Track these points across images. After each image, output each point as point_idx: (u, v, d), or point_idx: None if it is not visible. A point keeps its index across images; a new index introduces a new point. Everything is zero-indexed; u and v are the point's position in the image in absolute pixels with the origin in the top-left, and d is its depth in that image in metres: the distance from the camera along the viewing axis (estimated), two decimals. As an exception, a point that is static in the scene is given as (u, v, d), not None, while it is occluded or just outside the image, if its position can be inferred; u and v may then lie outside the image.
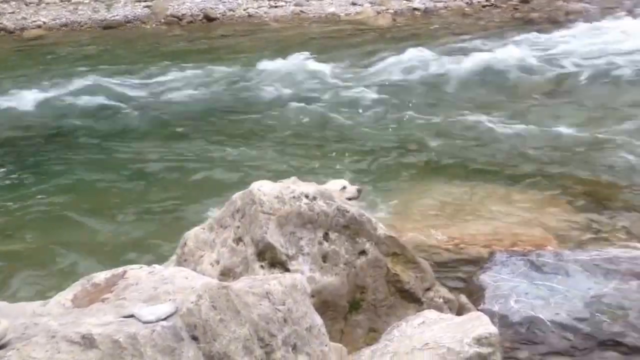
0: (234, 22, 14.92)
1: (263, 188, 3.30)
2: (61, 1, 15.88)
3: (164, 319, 2.08)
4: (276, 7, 15.40)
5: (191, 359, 2.10)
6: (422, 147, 7.19)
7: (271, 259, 3.21)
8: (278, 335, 2.45)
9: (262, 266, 3.21)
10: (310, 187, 3.41)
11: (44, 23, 15.13)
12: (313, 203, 3.31)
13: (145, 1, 15.61)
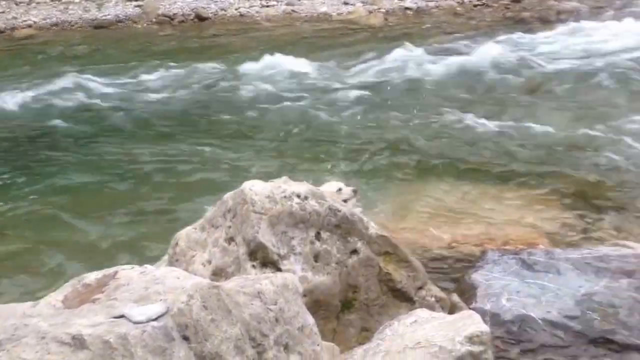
0: (226, 22, 14.90)
1: (254, 187, 3.30)
2: (52, 1, 15.80)
3: (155, 319, 2.07)
4: (268, 7, 15.39)
5: (182, 359, 2.09)
6: (413, 147, 7.20)
7: (263, 259, 3.20)
8: (270, 334, 2.44)
9: (254, 266, 3.20)
10: (301, 187, 3.40)
11: (35, 22, 15.06)
12: (305, 202, 3.31)
13: (136, 0, 15.56)
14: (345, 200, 4.11)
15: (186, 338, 2.15)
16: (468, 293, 3.92)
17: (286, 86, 9.87)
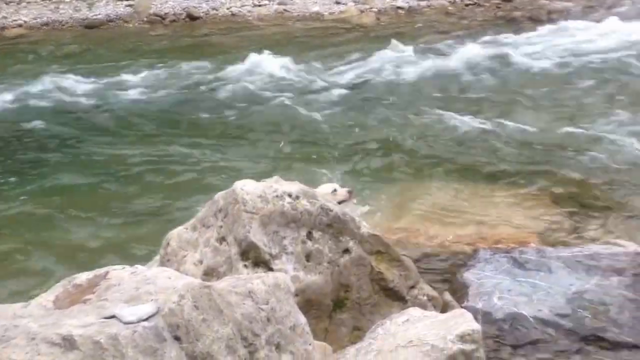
0: (218, 21, 14.87)
1: (246, 187, 3.29)
2: (42, 0, 15.72)
3: (146, 320, 2.06)
4: (260, 6, 15.37)
5: (174, 359, 2.09)
6: (404, 147, 7.22)
7: (255, 259, 3.19)
8: (261, 334, 2.44)
9: (246, 265, 3.20)
10: (293, 186, 3.40)
11: (25, 22, 14.98)
12: (296, 202, 3.30)
13: (127, 0, 15.51)
14: (341, 201, 4.09)
15: (177, 338, 2.15)
16: (460, 292, 3.93)
17: (277, 86, 9.88)
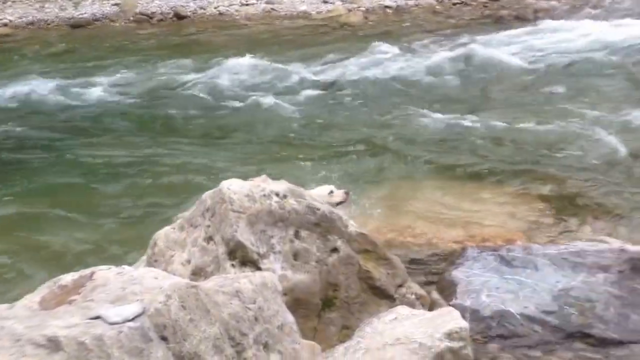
0: (205, 20, 14.83)
1: (233, 187, 3.28)
2: (27, -1, 15.62)
3: (131, 320, 2.05)
4: (247, 5, 15.34)
5: (160, 359, 2.08)
6: (390, 147, 7.22)
7: (242, 258, 3.18)
8: (249, 333, 2.44)
9: (234, 265, 3.19)
10: (280, 185, 3.40)
11: (10, 21, 14.86)
12: (284, 201, 3.30)
13: (113, -1, 15.44)
14: (338, 202, 4.08)
15: (164, 338, 2.14)
16: (448, 290, 3.94)
17: (263, 85, 9.87)
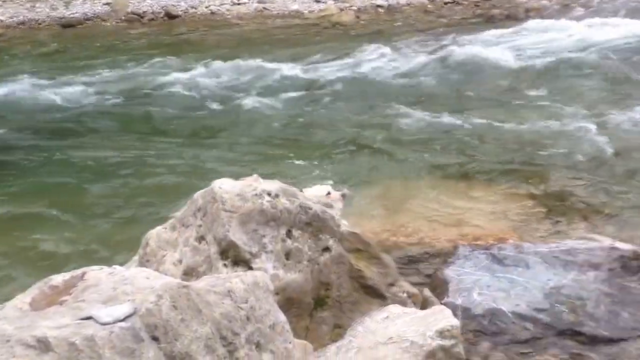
0: (196, 20, 14.80)
1: (224, 186, 3.27)
2: (18, -2, 15.53)
3: (122, 320, 2.05)
4: (239, 4, 15.32)
5: (152, 360, 2.07)
6: (381, 145, 7.23)
7: (234, 257, 3.18)
8: (241, 333, 2.43)
9: (226, 265, 3.18)
10: (272, 185, 3.39)
11: (1, 21, 14.78)
12: (275, 200, 3.30)
13: (104, -2, 15.38)
14: (336, 204, 4.07)
15: (155, 338, 2.13)
16: (440, 288, 3.95)
17: (254, 85, 9.85)
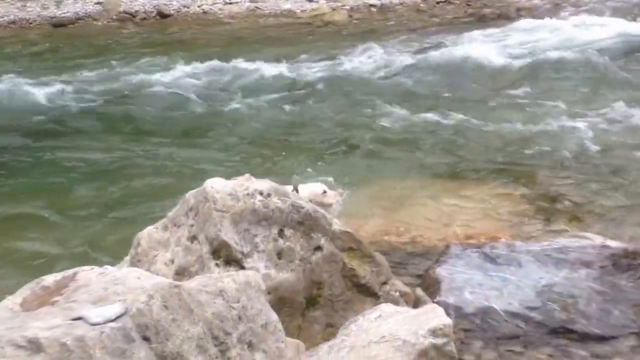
0: (189, 19, 14.77)
1: (216, 185, 3.27)
2: (9, -2, 15.45)
3: (113, 320, 2.04)
4: (231, 4, 15.29)
5: (143, 360, 2.07)
6: (372, 145, 7.23)
7: (226, 257, 3.17)
8: (233, 333, 2.43)
9: (218, 264, 3.18)
10: (264, 184, 3.39)
11: (-9, 21, 14.71)
12: (267, 200, 3.29)
13: (96, -3, 15.32)
14: (330, 204, 4.07)
15: (147, 338, 2.13)
16: (432, 287, 3.96)
17: (245, 84, 9.84)
